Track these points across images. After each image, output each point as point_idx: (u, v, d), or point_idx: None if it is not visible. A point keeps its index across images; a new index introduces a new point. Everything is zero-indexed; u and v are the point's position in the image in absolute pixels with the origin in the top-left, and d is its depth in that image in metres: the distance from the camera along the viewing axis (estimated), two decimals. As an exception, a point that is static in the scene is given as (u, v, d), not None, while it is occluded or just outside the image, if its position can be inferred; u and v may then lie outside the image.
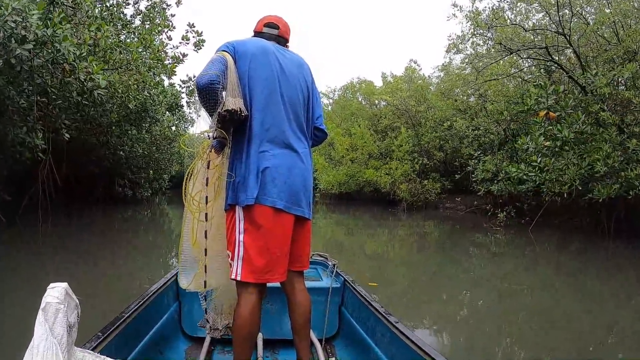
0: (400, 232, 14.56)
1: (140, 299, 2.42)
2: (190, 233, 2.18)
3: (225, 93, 1.97)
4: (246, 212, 2.01)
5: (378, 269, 7.85)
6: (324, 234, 12.65)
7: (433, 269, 8.30)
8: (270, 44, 2.21)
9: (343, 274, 3.19)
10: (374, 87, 28.94)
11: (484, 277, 7.65)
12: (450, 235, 13.60)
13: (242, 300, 2.01)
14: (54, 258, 7.68)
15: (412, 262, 9.17)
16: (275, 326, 2.89)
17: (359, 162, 22.67)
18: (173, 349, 2.77)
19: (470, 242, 11.92)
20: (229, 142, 2.12)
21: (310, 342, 2.39)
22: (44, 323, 1.18)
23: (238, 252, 2.01)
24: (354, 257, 8.97)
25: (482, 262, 9.14)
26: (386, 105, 25.12)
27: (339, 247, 10.23)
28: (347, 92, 30.76)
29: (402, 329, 2.16)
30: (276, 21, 2.35)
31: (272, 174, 2.01)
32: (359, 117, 25.57)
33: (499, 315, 5.30)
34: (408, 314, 5.06)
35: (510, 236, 12.72)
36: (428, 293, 6.39)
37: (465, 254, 10.16)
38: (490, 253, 10.32)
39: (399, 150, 21.15)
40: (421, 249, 11.10)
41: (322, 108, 2.46)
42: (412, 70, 24.49)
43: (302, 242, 2.23)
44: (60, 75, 7.55)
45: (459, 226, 16.10)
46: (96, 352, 1.62)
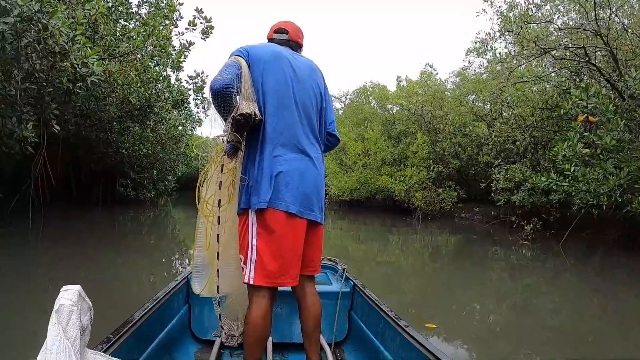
0: (415, 242, 13.66)
1: (152, 302, 2.41)
2: (204, 237, 2.18)
3: (240, 97, 1.98)
4: (259, 216, 2.01)
5: (390, 278, 7.47)
6: (333, 242, 12.00)
7: (451, 281, 7.70)
8: (283, 49, 2.22)
9: (353, 278, 3.20)
10: (388, 92, 28.08)
11: (504, 291, 7.08)
12: (468, 247, 12.71)
13: (254, 303, 2.02)
14: (37, 262, 6.87)
15: (426, 273, 8.55)
16: (284, 330, 2.92)
17: (372, 168, 21.75)
18: (183, 351, 2.77)
19: (492, 255, 11.05)
20: (242, 147, 2.12)
21: (320, 347, 2.36)
22: (57, 325, 1.21)
23: (251, 256, 2.01)
24: (366, 266, 8.36)
25: (504, 276, 8.39)
26: (400, 110, 24.23)
27: (349, 256, 9.55)
28: (359, 96, 29.84)
29: (413, 333, 2.15)
30: (284, 26, 2.37)
31: (285, 178, 2.01)
32: (372, 122, 24.70)
33: (517, 331, 4.94)
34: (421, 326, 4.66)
35: (536, 250, 11.80)
36: (442, 304, 6.01)
37: (485, 266, 9.42)
38: (515, 267, 9.57)
39: (415, 156, 20.23)
40: (436, 259, 10.32)
41: (334, 113, 2.45)
42: (429, 74, 23.59)
43: (314, 246, 2.23)
44: (50, 59, 6.73)
45: (476, 236, 15.19)
46: (107, 354, 1.61)
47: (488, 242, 13.56)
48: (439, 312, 5.53)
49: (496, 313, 5.78)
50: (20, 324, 4.05)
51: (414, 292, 6.72)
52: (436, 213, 19.48)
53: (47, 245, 8.42)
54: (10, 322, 4.08)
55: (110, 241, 9.69)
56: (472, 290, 6.99)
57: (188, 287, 2.95)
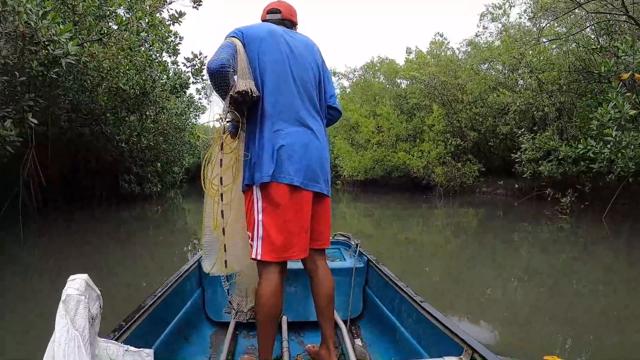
0: (437, 220, 12.78)
1: (164, 287, 2.41)
2: (211, 217, 2.19)
3: (237, 77, 1.99)
4: (263, 191, 2.01)
5: (412, 260, 7.00)
6: (349, 225, 11.24)
7: (479, 262, 7.04)
8: (278, 27, 2.23)
9: (366, 254, 3.14)
10: (396, 66, 26.91)
11: (541, 270, 6.30)
12: (494, 223, 11.80)
13: (263, 280, 2.01)
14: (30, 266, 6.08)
15: (451, 253, 7.84)
16: (299, 308, 2.87)
17: (386, 145, 20.69)
18: (198, 334, 2.75)
19: (524, 231, 10.09)
20: (243, 125, 2.15)
21: (334, 323, 2.39)
22: (64, 315, 1.21)
23: (257, 231, 2.01)
24: (387, 251, 7.63)
25: (543, 255, 7.47)
26: (411, 84, 23.08)
27: (367, 238, 8.70)
28: (367, 72, 28.66)
29: (428, 308, 2.13)
30: (277, 6, 2.37)
31: (287, 151, 2.01)
32: (383, 97, 23.59)
33: (560, 313, 4.30)
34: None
35: (573, 224, 10.81)
36: (471, 286, 5.48)
37: (517, 243, 8.70)
38: (555, 242, 8.71)
39: (431, 130, 19.14)
40: (463, 238, 9.44)
41: (334, 87, 2.43)
42: (440, 43, 22.34)
43: (322, 219, 2.22)
44: (20, 43, 5.77)
45: (501, 212, 14.24)
46: (120, 341, 1.64)
47: (515, 218, 12.64)
48: (468, 296, 5.03)
49: (533, 295, 5.17)
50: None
51: (438, 274, 6.19)
52: (457, 188, 18.49)
53: (41, 251, 7.62)
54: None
55: (115, 240, 8.88)
56: (504, 270, 6.38)
57: (200, 270, 2.94)
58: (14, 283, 5.37)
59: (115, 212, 14.39)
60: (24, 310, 4.30)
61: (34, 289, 5.18)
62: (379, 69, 27.54)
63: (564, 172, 13.40)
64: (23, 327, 3.83)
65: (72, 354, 1.15)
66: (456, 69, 20.51)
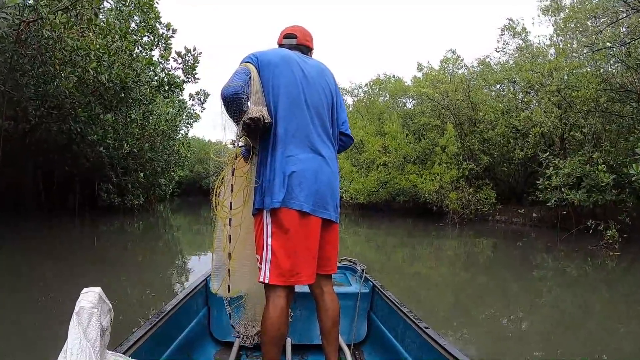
0: (449, 250, 11.37)
1: (171, 304, 2.42)
2: (222, 239, 2.25)
3: (250, 102, 2.03)
4: (273, 216, 2.04)
5: (426, 299, 6.15)
6: (351, 252, 9.92)
7: (516, 304, 6.03)
8: (292, 52, 2.25)
9: (372, 279, 3.17)
10: (404, 84, 25.56)
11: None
12: (517, 256, 10.34)
13: (270, 303, 2.03)
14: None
15: (473, 294, 6.67)
16: (303, 331, 2.87)
17: (394, 166, 19.09)
18: (202, 353, 2.76)
19: (562, 269, 8.73)
20: (256, 150, 2.17)
21: (338, 348, 2.35)
22: (77, 327, 1.24)
23: (266, 255, 2.04)
24: (394, 282, 6.81)
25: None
26: (419, 103, 21.67)
27: (372, 269, 7.24)
28: (373, 89, 27.26)
29: (433, 335, 2.14)
30: (293, 31, 2.39)
31: (298, 177, 2.03)
32: (392, 114, 22.11)
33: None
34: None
35: (615, 260, 9.25)
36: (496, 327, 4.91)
37: (552, 284, 7.49)
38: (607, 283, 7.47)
39: (444, 152, 17.56)
40: (487, 274, 8.29)
41: (346, 113, 2.44)
42: (454, 60, 20.98)
43: (330, 245, 2.24)
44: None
45: (522, 243, 12.85)
46: (127, 355, 1.68)
47: (541, 250, 11.20)
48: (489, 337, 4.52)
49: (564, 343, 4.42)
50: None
51: (459, 314, 5.44)
52: (471, 216, 16.86)
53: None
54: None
55: (86, 258, 7.79)
56: (536, 316, 5.47)
57: (207, 289, 2.94)
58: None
59: (90, 225, 12.75)
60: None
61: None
62: (385, 86, 26.12)
63: (596, 200, 11.88)
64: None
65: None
66: (470, 88, 19.10)
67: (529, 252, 10.95)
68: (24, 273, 6.45)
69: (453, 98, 18.89)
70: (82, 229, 12.28)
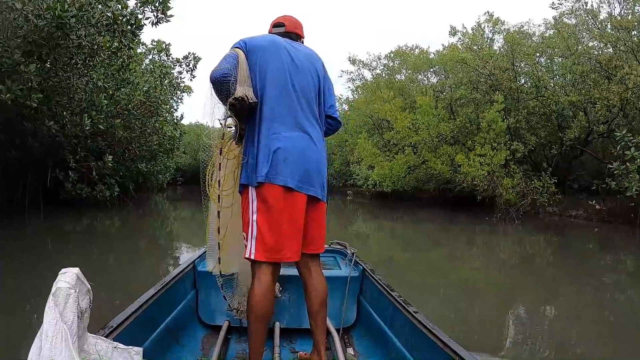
0: (501, 251, 9.20)
1: (157, 287, 2.41)
2: (215, 219, 2.29)
3: (238, 85, 2.06)
4: (258, 192, 2.07)
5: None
6: (376, 251, 8.59)
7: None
8: (281, 38, 2.30)
9: (362, 263, 3.14)
10: (428, 56, 22.30)
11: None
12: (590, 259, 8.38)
13: (255, 280, 2.06)
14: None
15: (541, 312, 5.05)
16: (292, 315, 2.87)
17: (426, 147, 15.87)
18: (189, 336, 2.72)
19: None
20: (243, 131, 2.22)
21: (327, 332, 2.41)
22: (54, 308, 1.21)
23: (252, 231, 2.06)
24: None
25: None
26: (453, 74, 18.37)
27: (406, 273, 6.46)
28: (393, 60, 23.94)
29: (422, 319, 2.15)
30: (282, 20, 2.46)
31: (284, 154, 2.07)
32: (417, 88, 18.89)
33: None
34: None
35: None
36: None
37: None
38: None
39: (490, 130, 14.32)
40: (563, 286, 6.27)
41: (335, 98, 2.52)
42: (495, 21, 17.64)
43: (317, 223, 2.24)
44: None
45: (592, 244, 10.45)
46: (110, 338, 1.64)
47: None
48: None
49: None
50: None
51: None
52: (527, 208, 13.65)
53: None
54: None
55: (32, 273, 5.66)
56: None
57: (195, 271, 2.92)
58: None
59: (46, 223, 9.78)
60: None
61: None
62: (407, 58, 22.78)
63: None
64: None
65: (59, 347, 1.16)
66: (516, 54, 15.86)
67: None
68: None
69: (495, 66, 15.69)
70: (31, 229, 9.35)
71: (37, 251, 7.22)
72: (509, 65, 15.84)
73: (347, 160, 25.26)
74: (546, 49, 16.99)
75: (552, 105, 14.91)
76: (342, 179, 30.70)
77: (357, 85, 26.73)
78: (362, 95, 24.95)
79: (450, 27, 18.29)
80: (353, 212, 18.67)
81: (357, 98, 26.71)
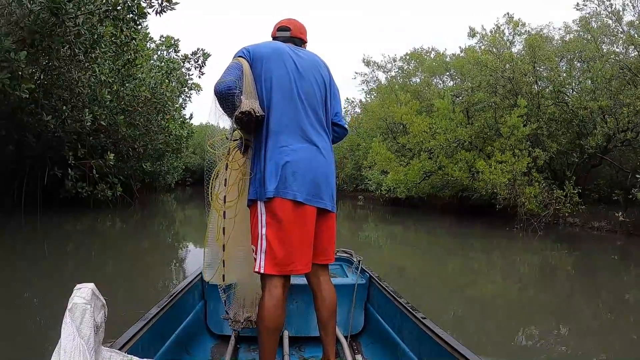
0: (524, 266, 8.46)
1: (166, 299, 2.41)
2: (215, 229, 2.30)
3: (243, 96, 2.04)
4: (267, 206, 2.05)
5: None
6: (389, 260, 8.31)
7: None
8: (285, 45, 2.27)
9: (369, 270, 3.16)
10: (444, 58, 21.68)
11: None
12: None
13: (266, 293, 2.04)
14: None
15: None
16: (301, 324, 2.87)
17: (442, 152, 15.22)
18: (199, 347, 2.74)
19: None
20: (250, 143, 2.21)
21: (336, 339, 2.39)
22: (70, 324, 1.22)
23: (261, 245, 2.05)
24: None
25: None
26: (469, 77, 17.71)
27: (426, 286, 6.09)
28: (409, 62, 23.32)
29: (430, 325, 2.15)
30: (287, 24, 2.41)
31: (292, 167, 2.05)
32: (432, 91, 18.26)
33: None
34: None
35: None
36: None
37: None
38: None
39: (512, 135, 13.63)
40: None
41: (341, 104, 2.50)
42: (515, 23, 16.97)
43: (327, 234, 2.24)
44: None
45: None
46: (123, 351, 1.64)
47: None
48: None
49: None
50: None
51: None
52: (549, 219, 12.92)
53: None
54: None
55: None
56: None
57: (202, 282, 2.89)
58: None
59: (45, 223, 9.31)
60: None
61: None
62: (423, 60, 22.16)
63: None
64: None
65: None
66: (537, 57, 15.20)
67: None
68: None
69: (516, 69, 15.04)
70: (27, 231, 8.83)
71: (31, 255, 6.77)
72: (530, 68, 15.21)
73: (359, 165, 24.68)
74: (566, 53, 16.39)
75: (579, 110, 14.18)
76: (353, 184, 30.09)
77: (371, 87, 26.15)
78: (376, 97, 24.36)
79: (470, 29, 17.62)
80: (364, 218, 18.14)
81: (370, 101, 26.16)
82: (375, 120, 21.28)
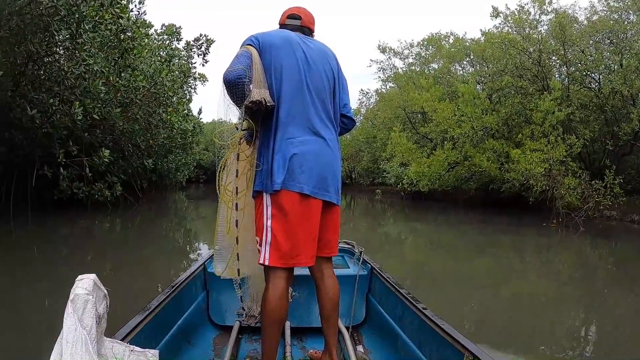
0: (565, 266, 7.65)
1: (168, 289, 2.40)
2: (225, 222, 2.25)
3: (252, 86, 2.00)
4: (273, 198, 2.03)
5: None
6: (410, 260, 7.70)
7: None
8: (294, 34, 2.22)
9: (370, 261, 3.14)
10: (463, 43, 20.53)
11: None
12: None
13: (270, 285, 2.04)
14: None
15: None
16: (302, 314, 2.88)
17: (469, 141, 14.14)
18: (201, 338, 2.73)
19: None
20: (258, 133, 2.18)
21: (338, 330, 2.37)
22: (72, 314, 1.21)
23: (266, 237, 2.03)
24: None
25: None
26: (494, 62, 16.57)
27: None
28: (427, 48, 22.18)
29: (431, 315, 2.14)
30: (298, 12, 2.36)
31: (299, 160, 2.03)
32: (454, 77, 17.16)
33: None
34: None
35: None
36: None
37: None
38: None
39: (546, 121, 12.51)
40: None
41: (349, 95, 2.46)
42: (541, 1, 15.78)
43: (331, 228, 2.22)
44: None
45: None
46: (125, 342, 1.63)
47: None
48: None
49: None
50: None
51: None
52: (588, 212, 11.77)
53: None
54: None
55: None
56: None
57: (205, 273, 2.93)
58: None
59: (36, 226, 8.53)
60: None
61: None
62: (442, 45, 21.02)
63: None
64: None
65: (79, 352, 1.17)
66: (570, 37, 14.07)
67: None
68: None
69: (544, 49, 13.93)
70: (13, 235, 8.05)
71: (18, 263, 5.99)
72: (560, 49, 14.07)
73: (376, 157, 23.66)
74: (595, 33, 15.23)
75: (610, 95, 13.03)
76: (369, 177, 29.09)
77: (387, 75, 25.01)
78: (392, 86, 23.30)
79: (493, 8, 16.43)
80: (382, 212, 17.19)
81: (387, 90, 25.10)
82: (394, 109, 20.23)
